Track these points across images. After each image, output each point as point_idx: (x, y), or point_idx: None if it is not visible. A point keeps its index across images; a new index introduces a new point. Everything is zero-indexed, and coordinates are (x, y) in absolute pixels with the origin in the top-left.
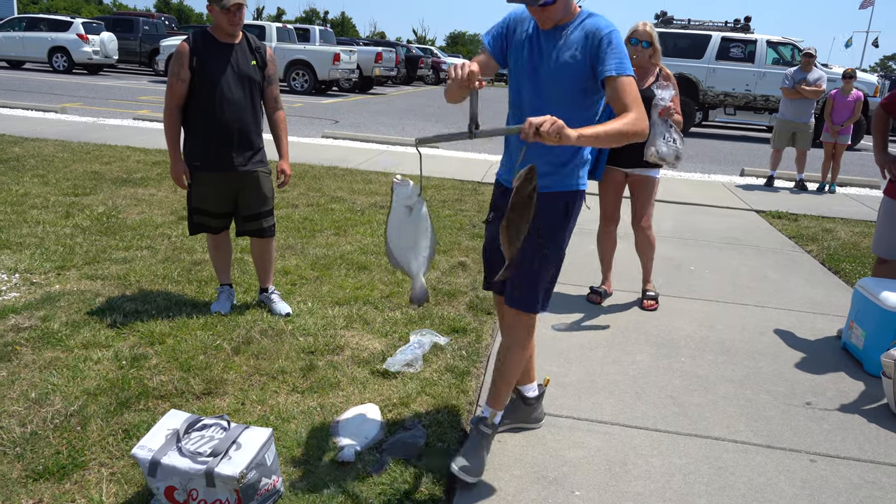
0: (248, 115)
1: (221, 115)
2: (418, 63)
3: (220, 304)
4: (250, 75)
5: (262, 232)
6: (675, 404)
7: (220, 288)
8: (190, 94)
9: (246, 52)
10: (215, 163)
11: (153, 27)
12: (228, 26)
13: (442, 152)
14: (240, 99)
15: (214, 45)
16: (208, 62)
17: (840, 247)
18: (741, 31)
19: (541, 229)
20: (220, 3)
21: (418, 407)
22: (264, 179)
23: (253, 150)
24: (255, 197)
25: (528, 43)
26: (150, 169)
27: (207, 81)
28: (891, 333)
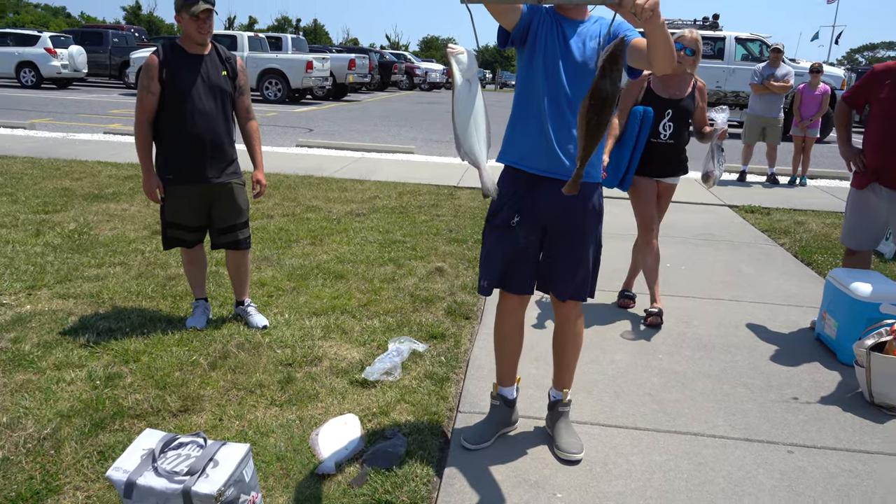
0: (220, 127)
1: (193, 127)
2: (392, 69)
3: (196, 319)
4: (221, 86)
5: (238, 244)
6: (653, 402)
7: (196, 302)
8: (161, 107)
9: (216, 62)
10: (188, 175)
11: (123, 39)
12: (198, 34)
13: (418, 157)
14: (211, 110)
15: (184, 56)
16: (178, 74)
17: (812, 239)
18: (710, 29)
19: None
20: (189, 11)
21: (398, 415)
22: (239, 191)
23: (226, 161)
24: (229, 209)
25: (557, 28)
26: (122, 183)
27: (178, 93)
28: (862, 323)
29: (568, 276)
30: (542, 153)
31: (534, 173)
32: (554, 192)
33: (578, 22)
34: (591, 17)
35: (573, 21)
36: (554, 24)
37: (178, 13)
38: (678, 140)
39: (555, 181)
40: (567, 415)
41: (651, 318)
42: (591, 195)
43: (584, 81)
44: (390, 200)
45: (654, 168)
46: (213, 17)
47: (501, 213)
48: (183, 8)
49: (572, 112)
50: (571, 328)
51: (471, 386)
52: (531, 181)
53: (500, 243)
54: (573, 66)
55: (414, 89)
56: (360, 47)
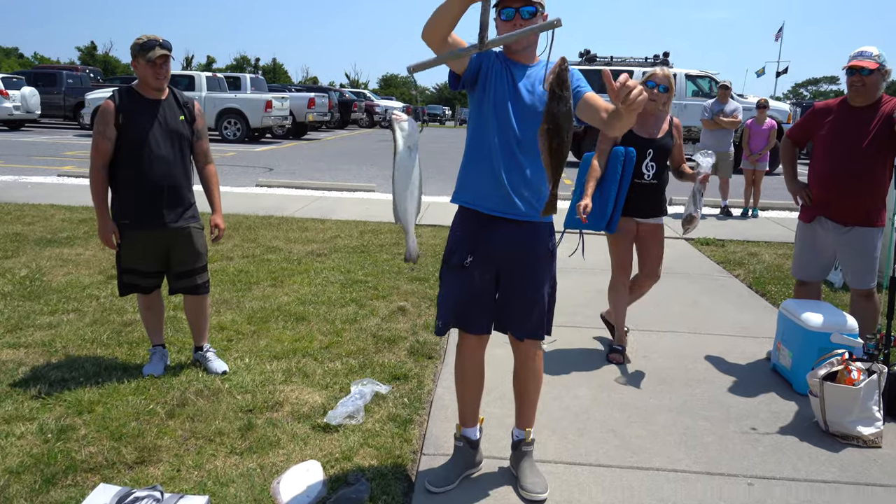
0: (177, 171)
1: (150, 172)
2: (352, 107)
3: (153, 366)
4: (179, 130)
5: (196, 289)
6: (616, 437)
7: (153, 349)
8: (117, 152)
9: (173, 107)
10: (146, 220)
11: (78, 80)
12: (154, 80)
13: (378, 195)
14: (168, 155)
15: (141, 101)
16: (135, 119)
17: (765, 269)
18: (661, 66)
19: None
20: (145, 57)
21: (361, 460)
22: (197, 235)
23: (184, 205)
24: (187, 253)
25: (506, 72)
26: (76, 227)
27: (135, 138)
28: (814, 353)
29: (524, 316)
30: (494, 194)
31: (487, 213)
32: (507, 232)
33: (527, 66)
34: (541, 62)
35: (522, 65)
36: (503, 68)
37: (135, 59)
38: (660, 179)
39: (508, 221)
40: (531, 454)
41: (614, 356)
42: (544, 234)
43: (533, 123)
44: (351, 240)
45: (639, 209)
46: (169, 63)
47: (456, 254)
48: (139, 54)
49: (523, 153)
50: (531, 367)
51: (434, 427)
52: (485, 221)
53: (455, 284)
54: (522, 108)
55: (374, 127)
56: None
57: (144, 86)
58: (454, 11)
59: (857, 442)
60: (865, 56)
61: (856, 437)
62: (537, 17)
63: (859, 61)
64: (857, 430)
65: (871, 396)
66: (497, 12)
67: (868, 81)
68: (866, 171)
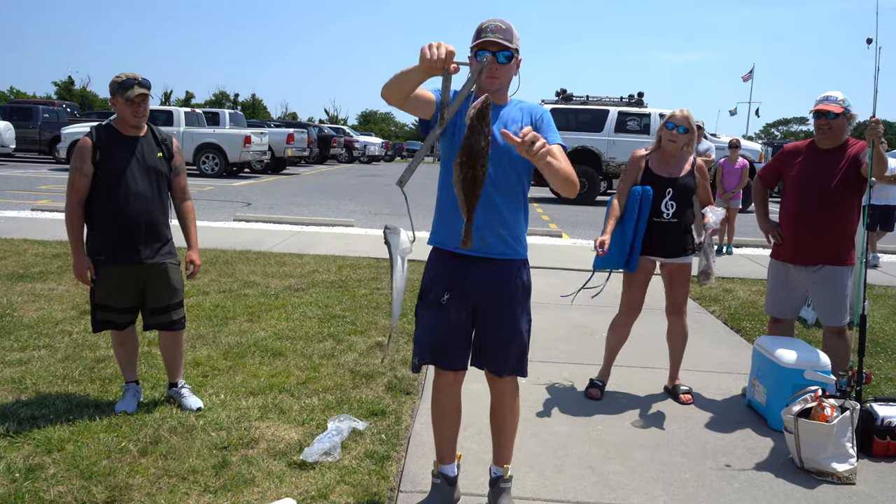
0: (155, 207)
1: (127, 209)
2: (331, 142)
3: (126, 403)
4: (156, 167)
5: (172, 325)
6: (594, 474)
7: (126, 385)
8: (94, 189)
9: (151, 144)
10: (122, 256)
11: (54, 115)
12: (132, 118)
13: (356, 230)
14: (146, 191)
15: (119, 138)
16: (112, 156)
17: (740, 306)
18: (635, 106)
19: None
20: (124, 95)
21: (337, 498)
22: (173, 271)
23: (161, 241)
24: (163, 289)
25: None
26: (49, 262)
27: (112, 175)
28: (789, 389)
29: (502, 352)
30: (454, 231)
31: (462, 253)
32: (482, 271)
33: (499, 107)
34: (512, 101)
35: (495, 106)
36: None
37: (113, 96)
38: (681, 218)
39: (483, 260)
40: (508, 491)
41: (592, 391)
42: (518, 271)
43: (507, 163)
44: (329, 274)
45: (658, 248)
46: (147, 101)
47: (432, 291)
48: (118, 92)
49: (499, 194)
50: (508, 404)
51: (412, 464)
52: (460, 260)
53: (432, 320)
54: (496, 150)
55: (353, 162)
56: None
57: (123, 123)
58: (413, 81)
59: (831, 478)
60: (831, 101)
61: (830, 473)
62: (512, 64)
63: (825, 105)
64: (831, 466)
65: (844, 433)
66: (473, 53)
67: (834, 125)
68: (835, 211)
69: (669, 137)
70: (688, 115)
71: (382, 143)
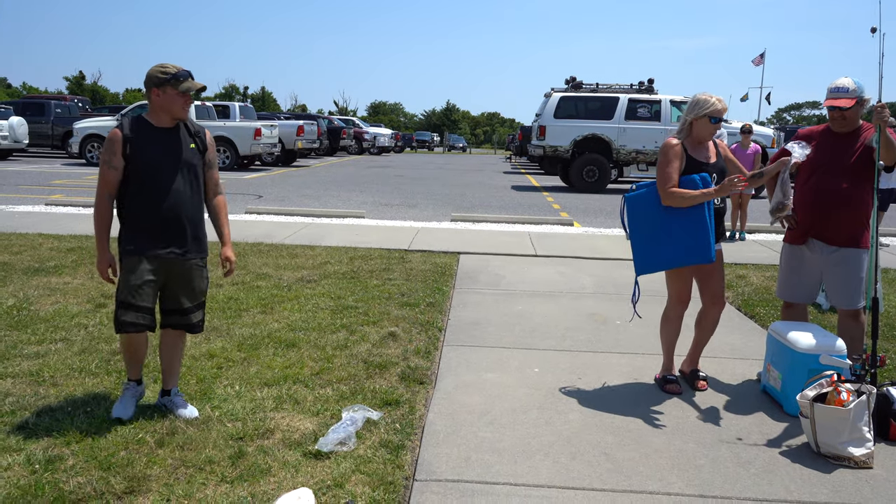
0: (188, 202)
1: (160, 203)
2: (341, 134)
3: (123, 407)
4: (190, 161)
5: (192, 327)
6: (608, 461)
7: (127, 384)
8: (125, 182)
9: (185, 136)
10: (150, 246)
11: (66, 110)
12: (182, 111)
13: (367, 222)
14: (179, 185)
15: (150, 130)
16: (144, 149)
17: (753, 292)
18: (646, 93)
19: None
20: (180, 86)
21: (353, 487)
22: (200, 272)
23: (193, 238)
24: (187, 290)
25: None
26: (64, 256)
27: (144, 169)
28: (804, 374)
29: None
30: None
31: None
32: None
33: None
34: None
35: None
36: None
37: (159, 87)
38: (724, 203)
39: None
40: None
41: (671, 387)
42: None
43: None
44: (341, 266)
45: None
46: None
47: None
48: (168, 83)
49: None
50: None
51: (426, 453)
52: None
53: None
54: None
55: (363, 153)
56: (309, 113)
57: (161, 115)
58: None
59: (848, 463)
60: (842, 92)
61: (847, 458)
62: None
63: (836, 100)
64: (848, 451)
65: (860, 417)
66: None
67: (848, 115)
68: (850, 194)
69: (712, 131)
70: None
71: (392, 133)
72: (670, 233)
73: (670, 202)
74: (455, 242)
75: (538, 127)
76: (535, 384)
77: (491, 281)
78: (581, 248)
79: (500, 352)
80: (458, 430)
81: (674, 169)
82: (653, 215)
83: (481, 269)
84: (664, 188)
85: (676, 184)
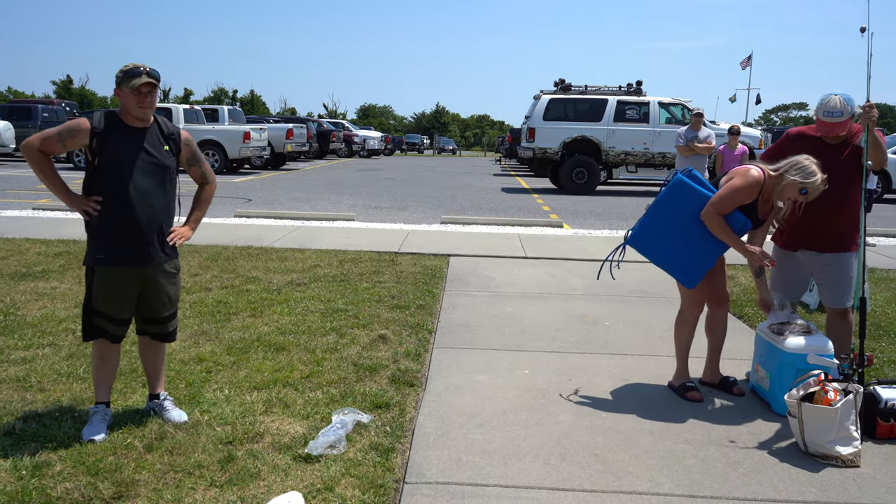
0: (159, 206)
1: (130, 206)
2: (330, 137)
3: (94, 429)
4: (163, 163)
5: (167, 336)
6: (598, 462)
7: (95, 408)
8: (94, 181)
9: (158, 138)
10: (122, 256)
11: (53, 114)
12: (137, 109)
13: (357, 224)
14: (150, 188)
15: (122, 128)
16: (113, 147)
17: (742, 292)
18: (634, 94)
19: None
20: (129, 84)
21: (343, 490)
22: (173, 280)
23: (165, 244)
24: (160, 299)
25: None
26: (51, 261)
27: (113, 168)
28: (792, 374)
29: None
30: None
31: None
32: None
33: None
34: None
35: None
36: None
37: (118, 86)
38: None
39: None
40: None
41: (692, 394)
42: None
43: None
44: (331, 269)
45: None
46: (156, 93)
47: None
48: (123, 81)
49: None
50: None
51: (417, 455)
52: None
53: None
54: None
55: (353, 156)
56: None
57: (127, 115)
58: None
59: (836, 462)
60: (836, 116)
61: (835, 456)
62: None
63: (833, 125)
64: (835, 450)
65: (848, 416)
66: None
67: (841, 131)
68: (841, 202)
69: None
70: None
71: (382, 136)
72: (680, 239)
73: (708, 221)
74: (445, 245)
75: (528, 129)
76: (525, 386)
77: (481, 283)
78: (570, 249)
79: (490, 354)
80: (449, 432)
81: (739, 200)
82: (684, 214)
83: (471, 272)
84: (716, 208)
85: (727, 213)
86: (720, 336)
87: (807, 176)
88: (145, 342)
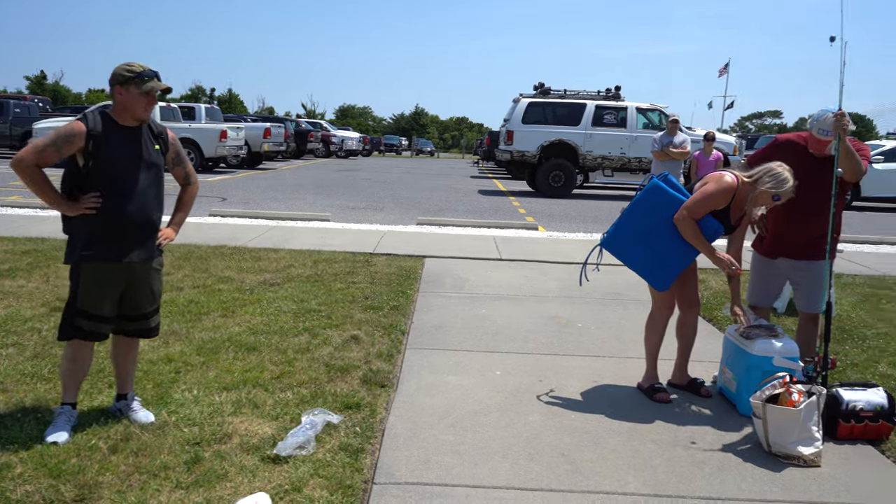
0: (151, 205)
1: (124, 205)
2: (308, 137)
3: (58, 430)
4: (155, 162)
5: (149, 332)
6: (567, 462)
7: (61, 408)
8: (86, 180)
9: (149, 137)
10: (112, 253)
11: (25, 109)
12: (143, 112)
13: (333, 225)
14: (144, 187)
15: (116, 128)
16: (109, 148)
17: (712, 296)
18: (612, 100)
19: None
20: (142, 86)
21: (311, 491)
22: (157, 276)
23: (153, 242)
24: (145, 294)
25: None
26: (18, 259)
27: (109, 169)
28: (758, 376)
29: None
30: None
31: None
32: None
33: None
34: None
35: None
36: None
37: (122, 85)
38: None
39: None
40: None
41: (660, 395)
42: None
43: None
44: (305, 269)
45: None
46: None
47: None
48: (131, 82)
49: None
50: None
51: (386, 456)
52: None
53: None
54: None
55: (331, 157)
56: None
57: (124, 115)
58: None
59: (797, 462)
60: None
61: (797, 457)
62: None
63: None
64: (797, 450)
65: (810, 417)
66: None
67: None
68: (821, 214)
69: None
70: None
71: (360, 137)
72: (653, 243)
73: (680, 225)
74: (420, 246)
75: (506, 132)
76: (496, 387)
77: (455, 284)
78: (545, 252)
79: (462, 355)
80: (419, 432)
81: (712, 206)
82: (659, 218)
83: (446, 273)
84: (689, 212)
85: (699, 218)
86: (690, 338)
87: (779, 183)
88: (120, 341)
